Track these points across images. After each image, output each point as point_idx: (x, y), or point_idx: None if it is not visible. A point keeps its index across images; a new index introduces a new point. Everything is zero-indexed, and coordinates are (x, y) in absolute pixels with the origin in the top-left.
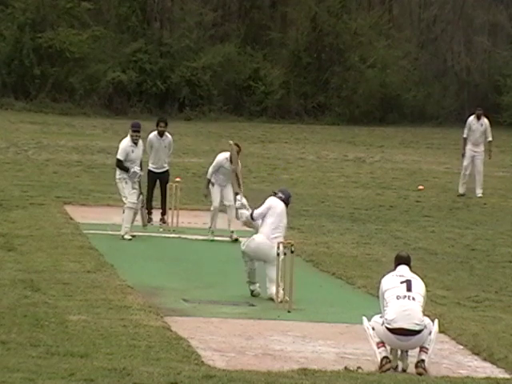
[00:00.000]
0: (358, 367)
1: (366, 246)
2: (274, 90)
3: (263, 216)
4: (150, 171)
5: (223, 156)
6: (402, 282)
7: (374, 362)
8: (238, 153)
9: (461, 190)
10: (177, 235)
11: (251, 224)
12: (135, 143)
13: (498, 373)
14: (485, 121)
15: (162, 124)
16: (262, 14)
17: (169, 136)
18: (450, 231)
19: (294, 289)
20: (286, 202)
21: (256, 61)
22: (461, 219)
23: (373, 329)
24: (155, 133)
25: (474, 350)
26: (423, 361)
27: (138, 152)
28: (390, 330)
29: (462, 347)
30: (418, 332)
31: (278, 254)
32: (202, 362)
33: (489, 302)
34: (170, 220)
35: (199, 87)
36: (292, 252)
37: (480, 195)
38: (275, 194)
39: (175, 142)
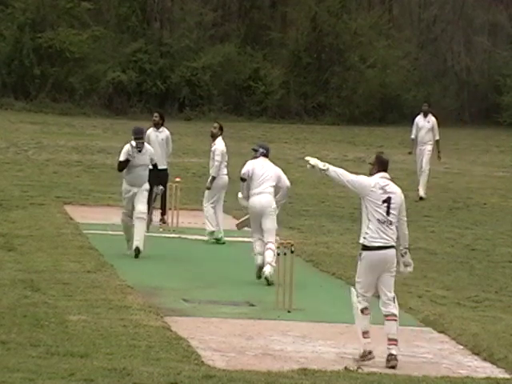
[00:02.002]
0: (358, 367)
1: None
2: (273, 90)
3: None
4: (149, 170)
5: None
6: (383, 201)
7: (373, 362)
8: (220, 134)
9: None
10: (177, 235)
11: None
12: (139, 150)
13: (498, 373)
14: (432, 118)
15: (155, 114)
16: (261, 14)
17: (166, 130)
18: (449, 231)
19: (293, 289)
20: (267, 155)
21: (256, 61)
22: (461, 219)
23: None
24: (151, 127)
25: (474, 350)
26: (395, 355)
27: (142, 158)
28: (367, 247)
29: (461, 347)
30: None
31: (278, 254)
32: (202, 362)
33: (489, 302)
34: (169, 220)
35: (199, 87)
36: (292, 252)
37: (423, 195)
38: (256, 151)
39: (175, 142)
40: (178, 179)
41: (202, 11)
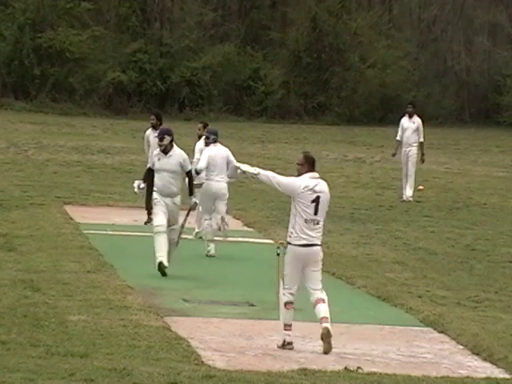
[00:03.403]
0: (358, 367)
1: (366, 246)
2: (273, 90)
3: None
4: None
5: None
6: (312, 201)
7: (373, 361)
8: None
9: (404, 197)
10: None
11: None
12: (164, 152)
13: (498, 373)
14: (417, 119)
15: (151, 117)
16: (261, 14)
17: None
18: (450, 231)
19: None
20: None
21: (256, 61)
22: (461, 219)
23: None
24: (150, 128)
25: (474, 350)
26: (328, 328)
27: (169, 161)
28: (294, 244)
29: (462, 347)
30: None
31: (278, 254)
32: (202, 362)
33: (489, 302)
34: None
35: (199, 87)
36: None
37: (410, 199)
38: (208, 139)
39: (175, 142)
40: None
41: (201, 11)
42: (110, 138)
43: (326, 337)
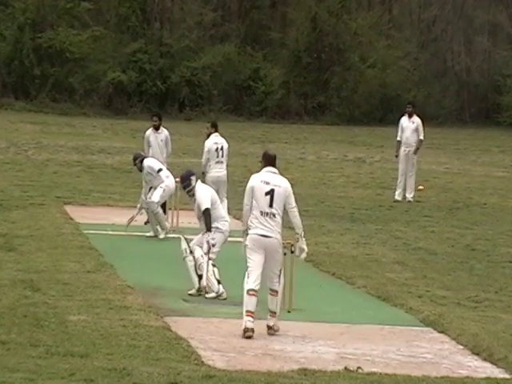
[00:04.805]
0: (358, 367)
1: (366, 246)
2: (273, 90)
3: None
4: None
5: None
6: (266, 194)
7: (373, 361)
8: (213, 132)
9: (397, 196)
10: (177, 235)
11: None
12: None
13: (498, 373)
14: (417, 119)
15: (154, 118)
16: (261, 14)
17: (165, 130)
18: (450, 231)
19: (294, 289)
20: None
21: (256, 61)
22: (461, 219)
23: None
24: (151, 128)
25: (474, 350)
26: (272, 326)
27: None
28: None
29: (462, 347)
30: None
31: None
32: (202, 362)
33: (489, 302)
34: (169, 220)
35: (199, 87)
36: (292, 252)
37: (410, 199)
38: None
39: (175, 143)
40: (177, 179)
41: (201, 11)
42: (110, 138)
43: (268, 333)
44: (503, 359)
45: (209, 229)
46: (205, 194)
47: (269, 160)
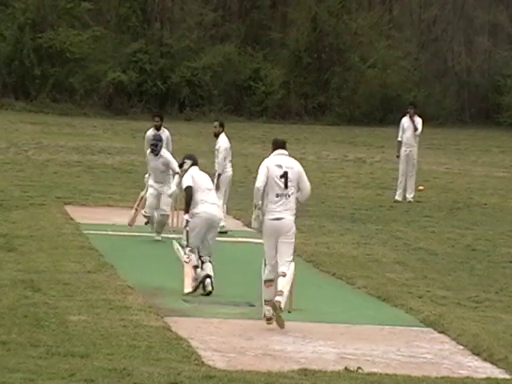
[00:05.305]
0: (358, 367)
1: (367, 247)
2: (274, 90)
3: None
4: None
5: None
6: (281, 177)
7: (374, 362)
8: (222, 131)
9: (397, 197)
10: (177, 235)
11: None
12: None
13: (499, 373)
14: (417, 119)
15: (156, 118)
16: (262, 14)
17: (166, 131)
18: (450, 231)
19: (294, 289)
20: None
21: (256, 61)
22: (461, 219)
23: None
24: (152, 128)
25: (475, 350)
26: (279, 302)
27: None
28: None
29: (462, 347)
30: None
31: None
32: (202, 362)
33: (489, 302)
34: (170, 220)
35: (199, 87)
36: None
37: (410, 199)
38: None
39: (176, 143)
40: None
41: (202, 11)
42: (111, 138)
43: (273, 309)
44: (503, 359)
45: (186, 210)
46: (186, 177)
47: (278, 144)
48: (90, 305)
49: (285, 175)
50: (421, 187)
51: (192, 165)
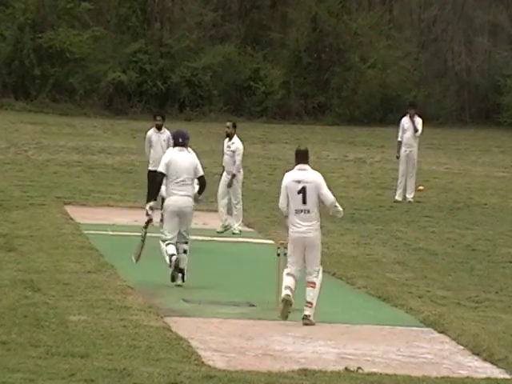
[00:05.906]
0: (359, 367)
1: (367, 247)
2: (274, 91)
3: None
4: (150, 171)
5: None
6: (298, 192)
7: (374, 362)
8: (235, 132)
9: (397, 197)
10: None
11: None
12: None
13: (499, 373)
14: (417, 119)
15: (158, 118)
16: (262, 15)
17: (167, 131)
18: (450, 231)
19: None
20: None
21: (256, 61)
22: (461, 219)
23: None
24: (153, 128)
25: (475, 350)
26: (308, 315)
27: None
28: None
29: (462, 347)
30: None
31: (279, 255)
32: (202, 362)
33: (489, 302)
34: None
35: (199, 87)
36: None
37: (410, 200)
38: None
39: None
40: None
41: (202, 11)
42: (111, 138)
43: (303, 323)
44: (503, 359)
45: (149, 196)
46: (163, 158)
47: (300, 156)
48: (90, 305)
49: (303, 190)
50: (421, 187)
51: (175, 145)
